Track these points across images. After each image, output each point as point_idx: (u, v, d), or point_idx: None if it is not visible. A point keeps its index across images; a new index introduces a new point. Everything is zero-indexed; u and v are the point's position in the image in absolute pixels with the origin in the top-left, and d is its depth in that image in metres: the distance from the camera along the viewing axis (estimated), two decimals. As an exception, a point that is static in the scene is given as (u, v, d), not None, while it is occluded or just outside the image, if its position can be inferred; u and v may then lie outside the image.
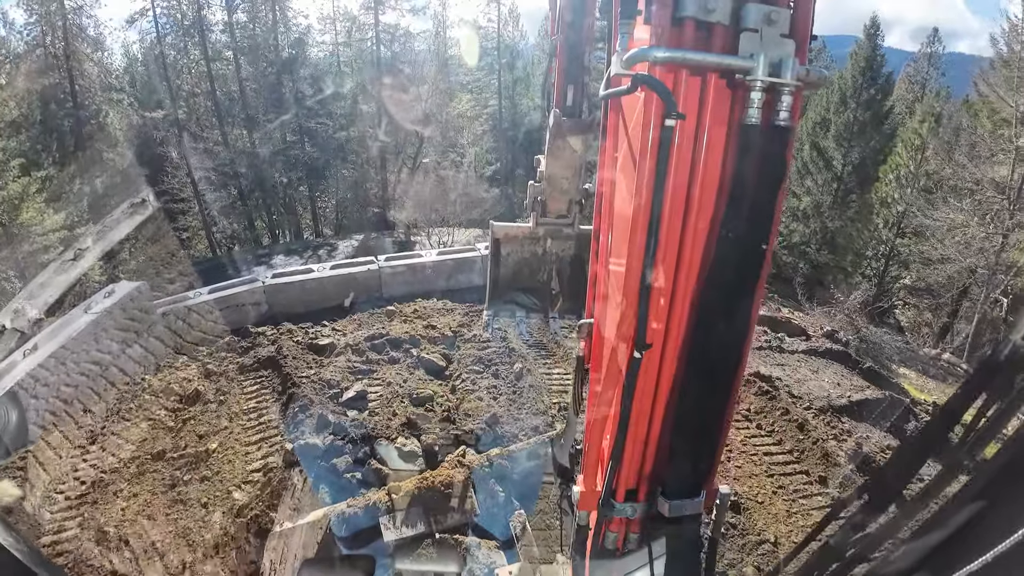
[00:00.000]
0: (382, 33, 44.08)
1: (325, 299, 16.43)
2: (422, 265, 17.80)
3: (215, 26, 40.41)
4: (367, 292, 17.00)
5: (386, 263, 17.52)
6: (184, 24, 39.47)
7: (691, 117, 2.28)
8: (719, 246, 2.44)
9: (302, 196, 44.64)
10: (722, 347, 2.63)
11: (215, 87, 40.12)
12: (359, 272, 17.17)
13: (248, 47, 41.13)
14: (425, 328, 14.81)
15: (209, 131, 40.19)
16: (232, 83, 41.12)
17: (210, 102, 40.37)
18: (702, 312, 2.55)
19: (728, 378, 2.73)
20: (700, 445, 2.85)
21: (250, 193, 40.62)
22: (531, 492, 9.45)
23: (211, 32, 40.32)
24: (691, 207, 2.41)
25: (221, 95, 40.80)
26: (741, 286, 2.51)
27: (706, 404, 2.74)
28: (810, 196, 38.28)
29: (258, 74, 41.30)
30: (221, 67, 41.22)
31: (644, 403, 2.72)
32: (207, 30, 39.74)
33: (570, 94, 5.44)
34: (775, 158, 2.33)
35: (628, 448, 2.77)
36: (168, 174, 38.73)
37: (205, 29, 39.58)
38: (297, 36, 42.52)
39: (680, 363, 2.67)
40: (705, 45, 2.23)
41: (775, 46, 2.18)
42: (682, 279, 2.51)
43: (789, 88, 2.25)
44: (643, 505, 2.97)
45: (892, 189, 30.51)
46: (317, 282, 16.65)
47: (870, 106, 36.51)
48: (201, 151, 39.83)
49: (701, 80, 2.28)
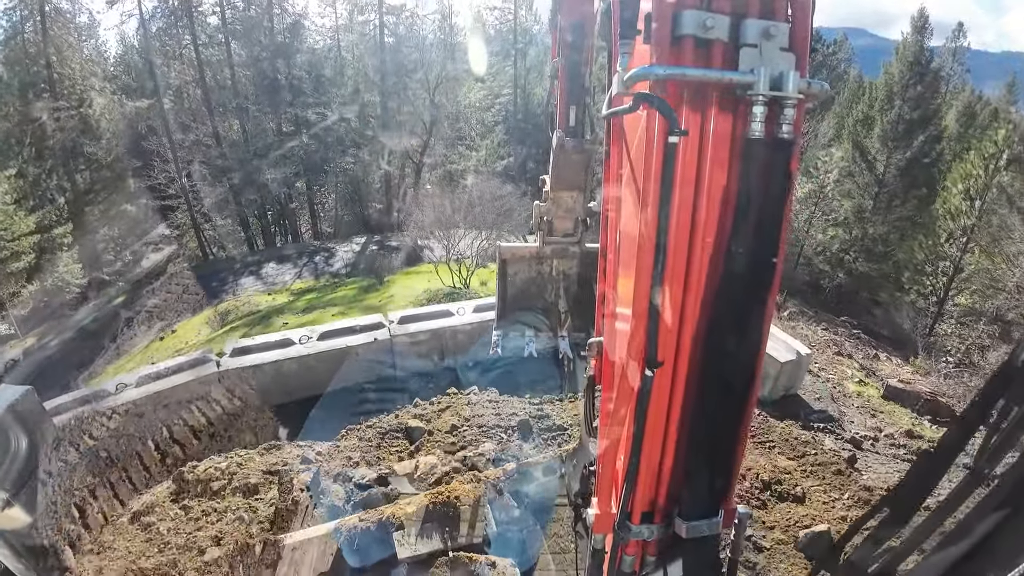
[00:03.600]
0: (386, 15, 40.65)
1: (309, 386, 12.11)
2: (452, 331, 13.25)
3: (205, 8, 37.21)
4: (373, 370, 12.66)
5: (400, 328, 13.11)
6: (171, 3, 36.31)
7: (694, 133, 2.26)
8: (727, 261, 2.42)
9: (298, 193, 41.64)
10: (735, 362, 2.57)
11: (204, 73, 37.02)
12: (360, 344, 12.62)
13: (241, 30, 37.96)
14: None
15: (199, 121, 37.14)
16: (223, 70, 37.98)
17: (200, 90, 37.29)
18: (713, 328, 2.52)
19: (742, 393, 2.66)
20: (716, 463, 2.78)
21: (242, 189, 37.64)
22: (546, 511, 8.89)
23: (200, 14, 37.13)
24: (697, 223, 2.37)
25: (212, 82, 37.71)
26: (752, 300, 2.48)
27: (721, 421, 2.68)
28: (851, 200, 35.26)
29: (251, 60, 38.19)
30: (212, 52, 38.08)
31: (657, 422, 2.66)
32: (195, 9, 36.53)
33: (572, 115, 5.50)
34: (780, 171, 2.32)
35: (643, 468, 2.72)
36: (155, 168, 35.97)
37: (193, 8, 36.37)
38: (294, 19, 39.25)
39: (693, 380, 2.63)
40: (705, 62, 2.22)
41: (775, 60, 2.19)
42: (691, 295, 2.48)
43: (791, 101, 2.21)
44: (660, 526, 2.89)
45: (959, 200, 27.27)
46: (298, 362, 12.19)
47: (918, 104, 33.59)
48: (191, 143, 36.94)
49: (703, 96, 2.26)
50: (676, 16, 2.17)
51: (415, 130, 41.87)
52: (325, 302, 27.52)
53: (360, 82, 41.07)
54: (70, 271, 32.44)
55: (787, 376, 13.03)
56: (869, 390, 15.98)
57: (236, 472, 9.54)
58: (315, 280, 33.43)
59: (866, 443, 12.31)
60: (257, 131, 38.31)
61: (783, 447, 10.98)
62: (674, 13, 2.17)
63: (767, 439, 11.22)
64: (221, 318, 26.21)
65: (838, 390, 15.06)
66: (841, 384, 15.68)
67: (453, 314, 13.82)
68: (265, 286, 32.62)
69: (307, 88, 39.36)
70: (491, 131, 44.13)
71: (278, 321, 24.07)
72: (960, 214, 27.70)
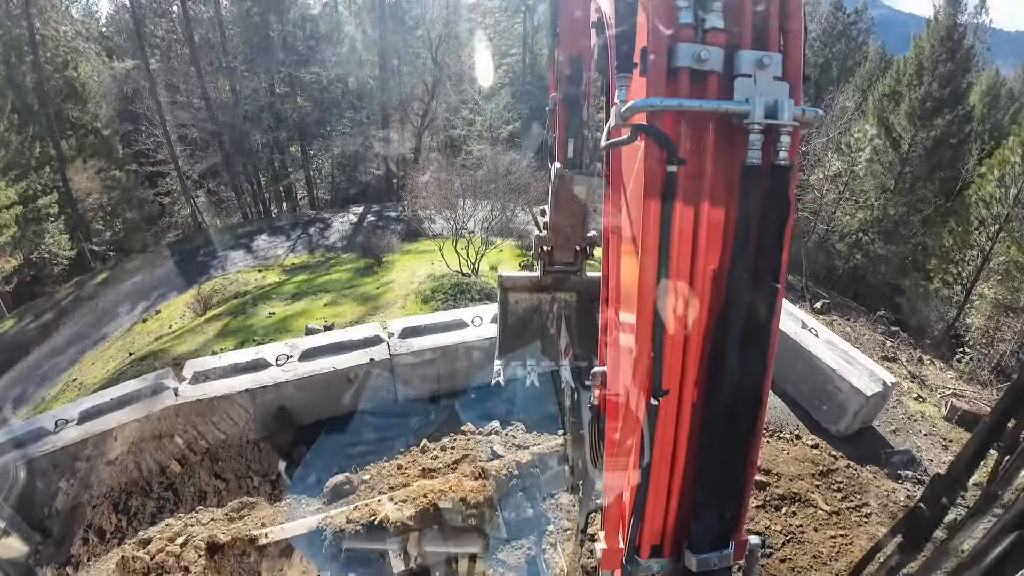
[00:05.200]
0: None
1: (288, 421, 10.47)
2: (467, 347, 11.23)
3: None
4: (369, 396, 10.91)
5: (402, 344, 11.10)
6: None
7: (692, 162, 2.29)
8: (729, 287, 2.42)
9: (293, 158, 39.95)
10: (741, 388, 2.55)
11: (192, 31, 34.92)
12: (352, 366, 10.70)
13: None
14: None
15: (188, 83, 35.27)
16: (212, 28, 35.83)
17: (188, 49, 35.28)
18: (718, 354, 2.50)
19: (750, 420, 2.63)
20: (725, 493, 2.75)
21: (234, 154, 36.06)
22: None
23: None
24: (698, 250, 2.39)
25: (200, 40, 35.64)
26: (755, 325, 2.47)
27: (728, 449, 2.65)
28: (874, 179, 33.47)
29: (241, 15, 35.97)
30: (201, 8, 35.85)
31: (664, 451, 2.65)
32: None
33: (571, 147, 5.50)
34: (779, 196, 2.35)
35: (650, 500, 2.68)
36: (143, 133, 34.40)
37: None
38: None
39: (699, 408, 2.61)
40: (701, 93, 2.27)
41: (770, 89, 2.24)
42: (695, 322, 2.46)
43: (787, 129, 2.26)
44: (669, 560, 2.84)
45: (993, 187, 25.62)
46: (276, 391, 10.34)
47: (948, 81, 31.49)
48: (179, 106, 35.21)
49: (700, 126, 2.31)
50: (672, 49, 2.25)
51: (416, 92, 39.83)
52: (316, 287, 25.89)
53: (358, 39, 38.78)
54: (58, 243, 31.39)
55: (868, 411, 11.51)
56: (929, 408, 14.52)
57: (180, 552, 8.32)
58: (309, 254, 32.20)
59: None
60: (248, 92, 36.40)
61: (882, 515, 9.66)
62: (669, 46, 2.25)
63: (860, 501, 9.86)
64: (204, 302, 25.08)
65: (899, 410, 13.65)
66: (900, 402, 14.17)
67: (468, 324, 11.78)
68: (256, 260, 31.49)
69: (301, 47, 37.20)
70: (497, 93, 41.93)
71: (263, 310, 22.96)
72: (994, 201, 26.13)
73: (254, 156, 36.10)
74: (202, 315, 24.25)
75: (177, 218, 37.25)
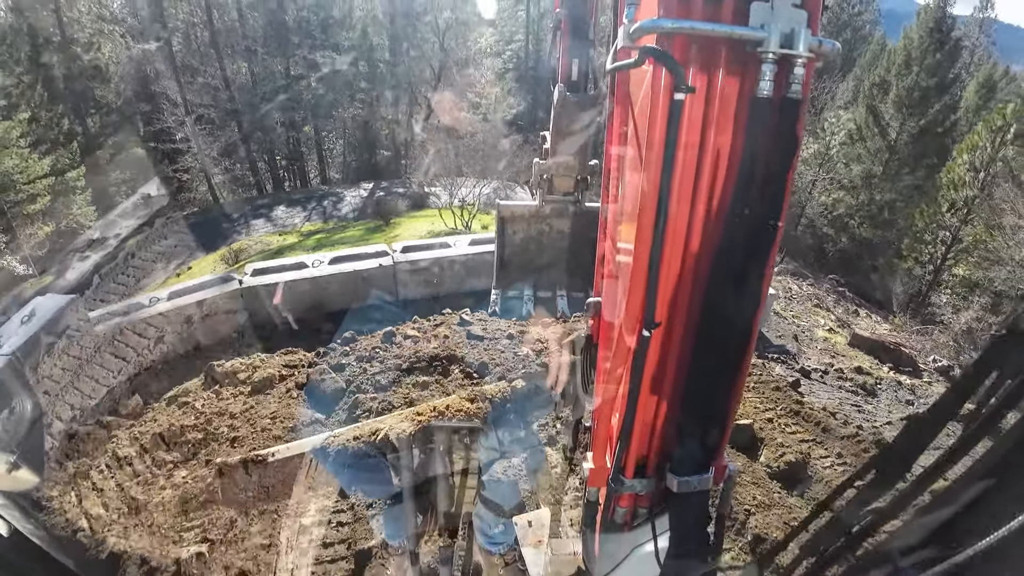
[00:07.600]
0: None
1: (321, 304, 13.45)
2: (449, 260, 14.55)
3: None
4: (377, 294, 14.04)
5: (403, 256, 14.28)
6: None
7: (700, 90, 2.21)
8: (728, 223, 2.38)
9: (307, 138, 41.65)
10: (732, 325, 2.59)
11: (212, 15, 36.53)
12: (367, 269, 13.84)
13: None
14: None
15: (207, 64, 36.94)
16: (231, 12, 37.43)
17: (207, 32, 36.91)
18: (711, 290, 2.53)
19: (738, 355, 2.67)
20: (709, 422, 2.85)
21: (251, 133, 37.78)
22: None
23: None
24: (700, 183, 2.33)
25: (219, 24, 37.26)
26: (751, 263, 2.44)
27: (715, 381, 2.72)
28: (861, 164, 34.87)
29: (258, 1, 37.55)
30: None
31: (653, 381, 2.71)
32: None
33: (575, 69, 5.33)
34: (786, 132, 2.26)
35: (637, 425, 2.77)
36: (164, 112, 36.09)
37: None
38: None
39: (689, 341, 2.64)
40: (715, 16, 2.13)
41: (787, 17, 2.08)
42: (691, 257, 2.47)
43: (801, 60, 2.13)
44: (652, 481, 2.98)
45: (963, 171, 27.03)
46: (311, 283, 13.42)
47: (935, 72, 32.80)
48: (199, 87, 36.89)
49: (711, 52, 2.19)
50: None
51: (424, 75, 41.35)
52: (334, 241, 29.03)
53: (368, 24, 40.29)
54: (84, 213, 33.22)
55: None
56: (837, 337, 16.45)
57: (259, 367, 10.79)
58: (324, 223, 34.34)
59: (814, 374, 12.68)
60: (266, 74, 38.08)
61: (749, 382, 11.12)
62: None
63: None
64: (235, 255, 27.29)
65: (806, 335, 15.46)
66: (811, 331, 16.10)
67: (451, 246, 15.03)
68: (276, 228, 33.55)
69: (315, 31, 38.77)
70: (501, 78, 43.41)
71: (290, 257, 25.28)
72: (963, 185, 27.55)
73: (271, 135, 37.77)
74: (234, 264, 26.38)
75: (195, 193, 38.95)
